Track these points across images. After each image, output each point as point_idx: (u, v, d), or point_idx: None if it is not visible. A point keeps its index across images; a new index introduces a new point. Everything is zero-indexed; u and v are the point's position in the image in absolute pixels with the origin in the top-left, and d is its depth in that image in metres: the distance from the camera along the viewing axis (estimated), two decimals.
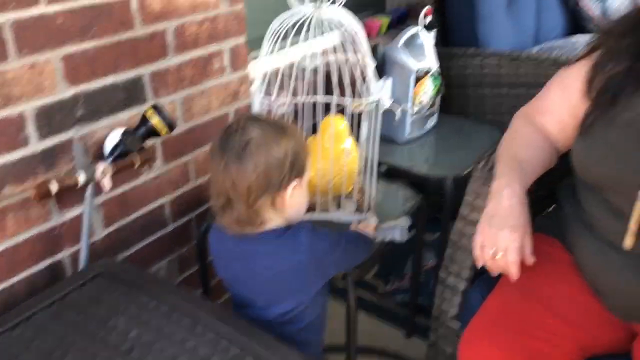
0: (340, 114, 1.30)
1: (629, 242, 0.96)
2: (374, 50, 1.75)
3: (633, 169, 0.94)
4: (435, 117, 1.91)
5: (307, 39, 1.22)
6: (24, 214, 1.11)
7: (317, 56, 1.31)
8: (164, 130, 1.17)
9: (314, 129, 1.37)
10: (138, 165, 1.17)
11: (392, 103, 1.73)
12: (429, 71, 1.78)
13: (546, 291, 1.05)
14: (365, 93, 1.24)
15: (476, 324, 1.06)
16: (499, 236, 0.99)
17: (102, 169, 1.12)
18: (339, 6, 1.20)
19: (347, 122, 1.32)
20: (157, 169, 1.35)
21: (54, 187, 1.08)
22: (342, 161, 1.31)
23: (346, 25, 1.23)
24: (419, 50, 1.79)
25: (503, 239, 0.98)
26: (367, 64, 1.25)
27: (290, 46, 1.27)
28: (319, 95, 1.28)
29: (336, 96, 1.23)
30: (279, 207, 0.99)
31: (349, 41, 1.25)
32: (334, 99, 1.23)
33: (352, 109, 1.22)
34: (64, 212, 1.17)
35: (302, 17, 1.21)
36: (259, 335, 0.94)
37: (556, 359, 0.99)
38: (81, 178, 1.10)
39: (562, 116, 1.10)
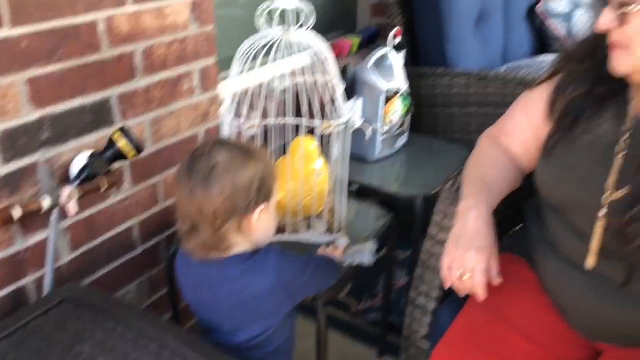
0: (310, 134, 1.31)
1: (590, 262, 0.98)
2: (344, 70, 1.76)
3: (593, 190, 0.96)
4: (406, 136, 1.93)
5: (277, 60, 1.23)
6: None
7: (287, 77, 1.31)
8: (132, 153, 1.16)
9: (284, 150, 1.38)
10: (105, 188, 1.16)
11: (362, 123, 1.75)
12: (398, 91, 1.80)
13: (513, 311, 1.07)
14: (335, 115, 1.25)
15: (445, 344, 1.06)
16: (465, 257, 1.00)
17: (68, 193, 1.10)
18: (307, 30, 1.21)
19: (317, 143, 1.33)
20: (125, 191, 1.34)
21: (17, 213, 1.06)
22: (313, 182, 1.32)
23: (315, 48, 1.25)
24: (389, 70, 1.81)
25: (470, 260, 0.99)
26: (336, 85, 1.27)
27: (259, 67, 1.28)
28: (288, 117, 1.28)
29: (306, 118, 1.24)
30: (246, 231, 0.99)
31: (318, 63, 1.26)
32: (303, 121, 1.24)
33: (321, 130, 1.23)
34: (28, 236, 1.15)
35: (271, 40, 1.22)
36: None
37: None
38: (46, 203, 1.08)
39: (525, 138, 1.12)
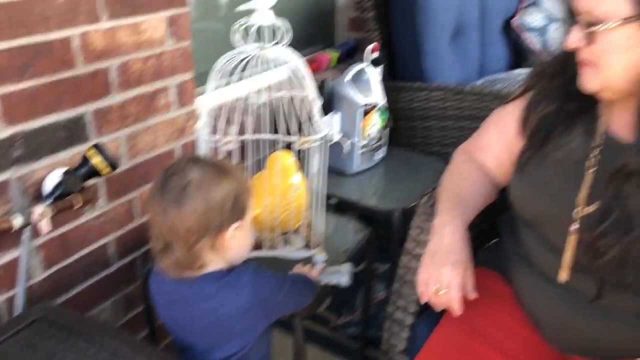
0: (288, 148, 1.31)
1: (563, 276, 0.99)
2: (321, 85, 1.77)
3: (565, 205, 0.97)
4: (384, 149, 1.94)
5: (253, 76, 1.23)
6: None
7: (263, 93, 1.32)
8: (106, 170, 1.15)
9: (261, 164, 1.38)
10: (79, 206, 1.15)
11: (340, 137, 1.76)
12: (376, 105, 1.81)
13: (488, 325, 1.07)
14: (312, 130, 1.25)
15: (422, 359, 1.07)
16: (441, 273, 1.00)
17: (41, 211, 1.09)
18: (283, 46, 1.21)
19: (294, 157, 1.33)
20: (100, 207, 1.32)
21: None
22: (290, 196, 1.32)
23: (291, 64, 1.25)
24: (366, 85, 1.82)
25: (445, 275, 1.00)
26: (313, 101, 1.27)
27: (236, 83, 1.28)
28: (265, 133, 1.28)
29: (282, 133, 1.24)
30: (220, 249, 0.98)
31: (294, 79, 1.26)
32: (280, 137, 1.24)
33: (298, 146, 1.23)
34: None
35: (248, 56, 1.22)
36: None
37: None
38: (17, 221, 1.07)
39: (499, 153, 1.14)
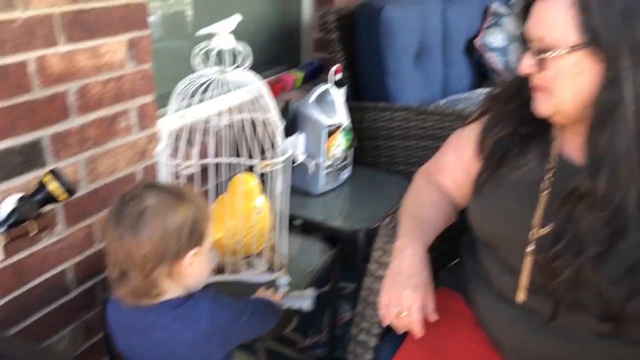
0: (250, 171, 1.30)
1: (520, 296, 1.01)
2: (286, 106, 1.78)
3: (520, 227, 0.99)
4: (349, 169, 1.95)
5: (214, 98, 1.23)
6: None
7: (225, 115, 1.31)
8: (63, 196, 1.12)
9: (224, 187, 1.37)
10: (35, 233, 1.12)
11: (305, 157, 1.77)
12: (340, 126, 1.82)
13: (449, 346, 1.08)
14: (274, 152, 1.25)
15: None
16: (402, 295, 1.01)
17: None
18: (244, 70, 1.22)
19: (257, 180, 1.33)
20: (58, 233, 1.29)
21: None
22: (253, 219, 1.31)
23: (253, 87, 1.25)
24: (330, 105, 1.83)
25: (406, 298, 1.01)
26: (275, 123, 1.27)
27: (197, 105, 1.27)
28: (227, 155, 1.28)
29: (244, 157, 1.24)
30: (177, 276, 0.97)
31: (256, 101, 1.26)
32: (241, 160, 1.23)
33: (260, 169, 1.23)
34: None
35: (208, 80, 1.22)
36: None
37: None
38: None
39: (457, 175, 1.15)
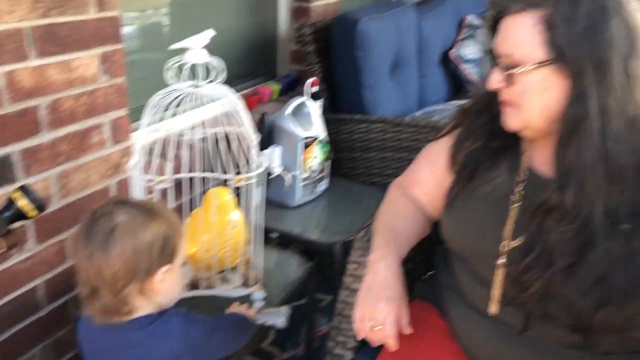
0: (225, 184, 1.30)
1: (493, 308, 1.02)
2: (262, 118, 1.78)
3: (492, 240, 1.00)
4: (326, 181, 1.95)
5: (188, 112, 1.22)
6: None
7: (199, 129, 1.31)
8: (33, 213, 1.10)
9: (198, 201, 1.36)
10: (3, 250, 1.10)
11: (282, 170, 1.77)
12: (316, 138, 1.83)
13: (423, 358, 1.08)
14: (249, 166, 1.25)
15: None
16: (376, 309, 1.01)
17: None
18: (217, 84, 1.21)
19: (232, 194, 1.32)
20: (28, 249, 1.27)
21: None
22: (227, 233, 1.30)
23: (227, 101, 1.25)
24: (307, 118, 1.84)
25: (380, 311, 1.01)
26: (250, 137, 1.27)
27: (170, 119, 1.27)
28: (201, 170, 1.27)
29: (218, 171, 1.23)
30: (149, 293, 0.96)
31: (230, 115, 1.26)
32: (215, 175, 1.23)
33: (234, 183, 1.23)
34: None
35: (182, 94, 1.21)
36: None
37: None
38: None
39: (430, 188, 1.16)
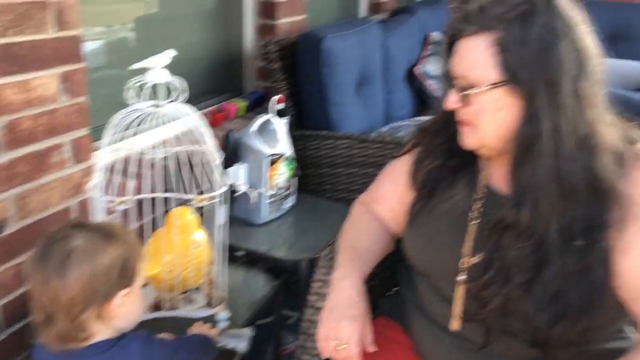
0: (188, 204, 1.29)
1: (454, 324, 1.03)
2: (227, 136, 1.77)
3: (452, 257, 1.02)
4: (292, 198, 1.95)
5: (150, 132, 1.22)
6: None
7: (161, 149, 1.30)
8: None
9: (161, 221, 1.35)
10: None
11: (247, 187, 1.76)
12: (282, 155, 1.83)
13: None
14: (212, 185, 1.25)
15: None
16: (340, 328, 1.01)
17: None
18: (178, 103, 1.21)
19: (195, 213, 1.31)
20: None
21: None
22: (190, 253, 1.29)
23: (189, 120, 1.25)
24: (273, 135, 1.84)
25: (344, 330, 1.01)
26: (213, 156, 1.27)
27: (132, 139, 1.26)
28: (163, 190, 1.26)
29: (181, 191, 1.23)
30: (107, 318, 0.94)
31: (193, 134, 1.26)
32: (176, 196, 1.22)
33: (196, 203, 1.22)
34: None
35: (143, 114, 1.21)
36: None
37: None
38: None
39: (393, 205, 1.18)
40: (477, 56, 0.91)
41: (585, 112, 0.90)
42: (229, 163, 1.74)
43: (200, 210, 1.30)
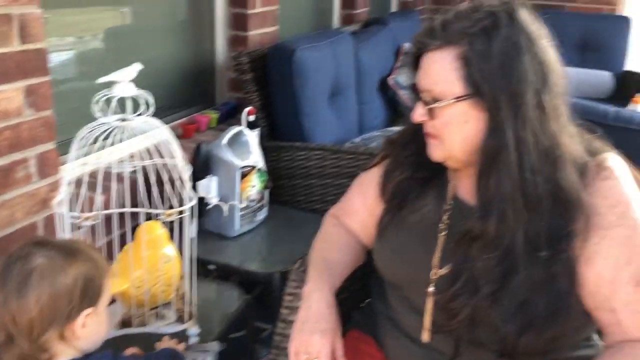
0: (157, 218, 1.27)
1: (425, 336, 1.03)
2: (197, 148, 1.76)
3: (421, 268, 1.02)
4: (265, 210, 1.94)
5: (118, 145, 1.20)
6: None
7: (129, 163, 1.28)
8: None
9: (130, 236, 1.33)
10: None
11: (218, 200, 1.75)
12: (254, 167, 1.82)
13: None
14: (181, 198, 1.23)
15: None
16: (310, 342, 1.01)
17: None
18: (146, 116, 1.20)
19: (164, 228, 1.30)
20: None
21: None
22: (160, 268, 1.27)
23: (158, 133, 1.23)
24: (245, 147, 1.83)
25: (315, 344, 1.00)
26: (182, 169, 1.25)
27: (99, 153, 1.24)
28: (131, 205, 1.24)
29: (150, 205, 1.21)
30: (70, 339, 0.92)
31: (162, 147, 1.25)
32: (143, 210, 1.20)
33: (164, 217, 1.20)
34: None
35: (110, 128, 1.19)
36: None
37: None
38: None
39: (363, 217, 1.18)
40: (442, 70, 0.92)
41: (549, 124, 0.91)
42: (200, 175, 1.72)
43: (169, 225, 1.29)
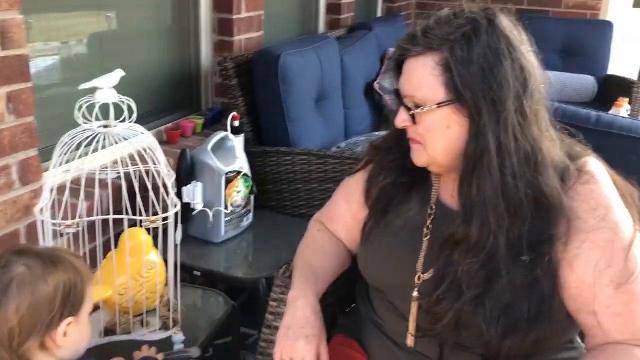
0: (141, 225, 1.26)
1: (410, 341, 1.03)
2: (182, 154, 1.75)
3: (406, 273, 1.02)
4: (251, 215, 1.94)
5: (101, 152, 1.19)
6: None
7: (112, 169, 1.27)
8: None
9: (114, 243, 1.32)
10: None
11: (204, 206, 1.74)
12: (240, 172, 1.82)
13: None
14: (165, 205, 1.23)
15: None
16: (295, 348, 1.01)
17: None
18: (129, 123, 1.19)
19: (148, 234, 1.29)
20: None
21: None
22: (144, 275, 1.27)
23: (141, 139, 1.23)
24: (230, 152, 1.83)
25: (300, 350, 1.00)
26: (165, 176, 1.25)
27: (82, 159, 1.23)
28: (114, 211, 1.23)
29: (133, 211, 1.20)
30: (51, 349, 0.91)
31: (145, 153, 1.24)
32: (126, 217, 1.19)
33: (148, 224, 1.20)
34: None
35: (93, 134, 1.18)
36: None
37: None
38: None
39: (348, 222, 1.18)
40: (424, 76, 0.92)
41: (530, 129, 0.92)
42: (185, 181, 1.72)
43: (154, 231, 1.28)
